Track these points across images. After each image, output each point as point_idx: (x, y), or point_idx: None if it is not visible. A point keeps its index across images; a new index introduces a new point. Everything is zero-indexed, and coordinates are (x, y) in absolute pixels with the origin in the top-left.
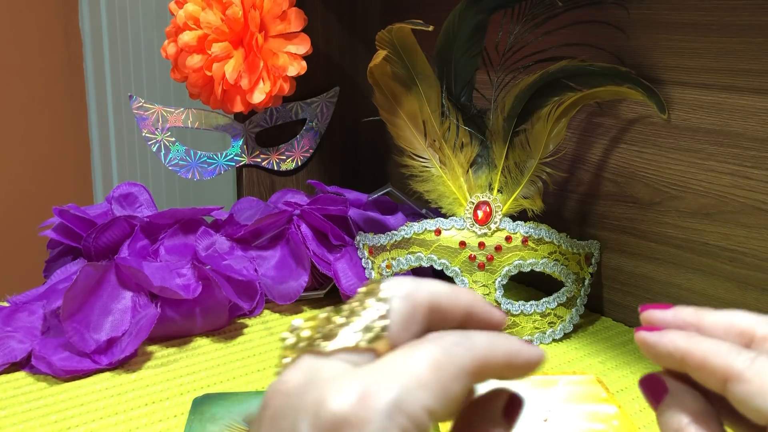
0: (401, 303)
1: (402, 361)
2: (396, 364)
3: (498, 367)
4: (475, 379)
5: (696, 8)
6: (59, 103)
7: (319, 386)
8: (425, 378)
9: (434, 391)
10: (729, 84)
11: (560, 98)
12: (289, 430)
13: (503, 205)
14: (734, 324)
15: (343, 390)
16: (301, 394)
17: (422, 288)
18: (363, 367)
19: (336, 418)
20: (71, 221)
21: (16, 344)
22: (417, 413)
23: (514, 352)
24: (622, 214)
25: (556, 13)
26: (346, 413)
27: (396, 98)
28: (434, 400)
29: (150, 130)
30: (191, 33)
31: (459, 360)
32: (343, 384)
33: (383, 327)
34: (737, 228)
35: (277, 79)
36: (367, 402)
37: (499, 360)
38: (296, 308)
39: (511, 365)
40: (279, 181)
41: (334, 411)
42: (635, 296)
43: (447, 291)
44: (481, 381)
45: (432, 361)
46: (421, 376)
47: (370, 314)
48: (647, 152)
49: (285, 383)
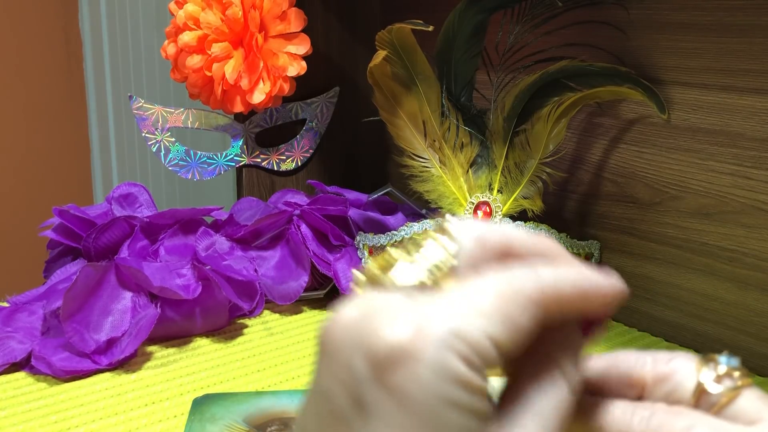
0: (472, 244)
1: (463, 293)
2: (457, 296)
3: (569, 298)
4: (544, 311)
5: (696, 8)
6: (59, 103)
7: (375, 319)
8: (487, 306)
9: (497, 319)
10: (729, 84)
11: (560, 98)
12: (344, 365)
13: (503, 205)
14: (622, 374)
15: (399, 321)
16: (357, 328)
17: (495, 230)
18: (422, 300)
19: (391, 349)
20: (71, 221)
21: (16, 344)
22: (478, 340)
23: (586, 282)
24: (622, 215)
25: (556, 13)
26: (401, 343)
27: (396, 98)
28: (497, 328)
29: (150, 130)
30: (191, 33)
31: (524, 289)
32: (400, 315)
33: (451, 267)
34: (737, 228)
35: (277, 80)
36: (424, 331)
37: (568, 290)
38: (296, 308)
39: (584, 296)
40: (279, 181)
41: (389, 341)
42: (635, 296)
43: (523, 236)
44: (553, 315)
45: (495, 291)
46: (483, 304)
47: (438, 253)
48: (647, 152)
49: (341, 317)
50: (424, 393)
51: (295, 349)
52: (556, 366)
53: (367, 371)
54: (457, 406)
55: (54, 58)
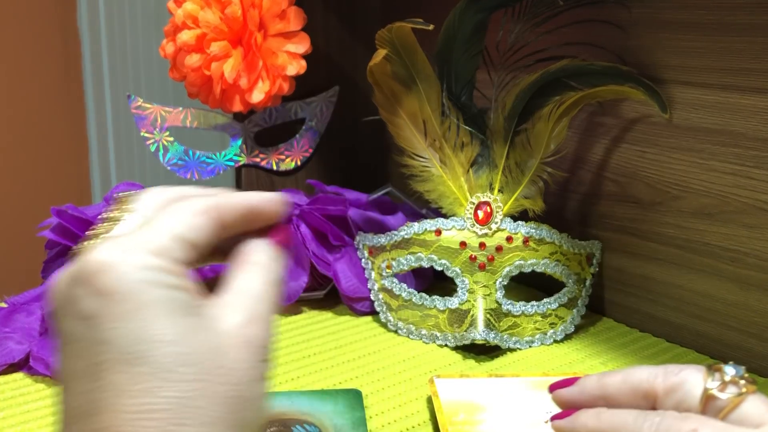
0: (148, 198)
1: (150, 223)
2: (145, 226)
3: (235, 208)
4: (216, 216)
5: (698, 7)
6: (57, 102)
7: (84, 255)
8: (167, 219)
9: (178, 222)
10: (731, 83)
11: (561, 98)
12: (69, 299)
13: (504, 205)
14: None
15: (99, 247)
16: (74, 270)
17: (171, 189)
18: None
19: (96, 263)
20: (69, 221)
21: (15, 345)
22: (166, 242)
23: (250, 198)
24: (623, 214)
25: (557, 11)
26: (102, 256)
27: (396, 98)
28: (179, 227)
29: (148, 129)
30: (190, 32)
31: (196, 202)
32: (100, 245)
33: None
34: (739, 228)
35: (276, 79)
36: (119, 245)
37: (234, 202)
38: (296, 308)
39: (249, 207)
40: (278, 181)
41: (93, 259)
42: (637, 297)
43: (194, 190)
44: (229, 222)
45: (171, 209)
46: (164, 219)
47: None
48: (649, 152)
49: (62, 272)
50: (128, 283)
51: (295, 349)
52: (248, 258)
53: (84, 290)
54: (158, 284)
55: (52, 58)
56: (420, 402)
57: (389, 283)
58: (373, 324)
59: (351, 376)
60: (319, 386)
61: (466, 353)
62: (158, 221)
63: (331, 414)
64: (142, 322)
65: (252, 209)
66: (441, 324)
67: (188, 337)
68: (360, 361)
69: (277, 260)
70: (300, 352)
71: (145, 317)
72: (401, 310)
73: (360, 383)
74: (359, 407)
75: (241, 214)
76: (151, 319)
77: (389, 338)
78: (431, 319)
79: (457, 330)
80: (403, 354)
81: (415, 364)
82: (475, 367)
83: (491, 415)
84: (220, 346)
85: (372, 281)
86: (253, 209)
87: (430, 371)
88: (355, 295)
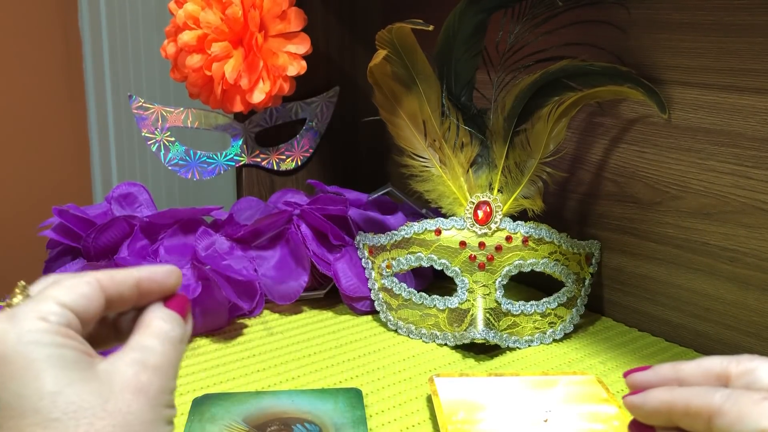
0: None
1: (38, 296)
2: (34, 298)
3: (122, 280)
4: (99, 287)
5: (697, 8)
6: (59, 102)
7: None
8: (52, 289)
9: (62, 291)
10: (730, 84)
11: (561, 98)
12: None
13: (503, 205)
14: (710, 370)
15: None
16: None
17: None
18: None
19: None
20: (71, 221)
21: None
22: (51, 308)
23: (138, 271)
24: (622, 214)
25: (556, 12)
26: None
27: (396, 98)
28: (63, 295)
29: (149, 129)
30: (191, 33)
31: (81, 276)
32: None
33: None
34: (738, 228)
35: (276, 79)
36: (9, 313)
37: (121, 274)
38: (296, 308)
39: (138, 279)
40: (279, 181)
41: None
42: (636, 296)
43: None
44: (111, 292)
45: (57, 282)
46: (49, 290)
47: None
48: (648, 152)
49: None
50: (15, 346)
51: (295, 349)
52: (142, 320)
53: None
54: (45, 344)
55: (54, 58)
56: (420, 401)
57: (389, 283)
58: (373, 323)
59: (351, 375)
60: (320, 385)
61: (465, 352)
62: (45, 293)
63: (331, 413)
64: (28, 378)
65: (140, 281)
66: (441, 323)
67: (76, 386)
68: (360, 360)
69: (173, 320)
70: (300, 351)
71: (30, 374)
72: (401, 309)
73: (360, 382)
74: (359, 406)
75: (129, 286)
76: (35, 374)
77: (389, 337)
78: (431, 318)
79: (457, 329)
80: (403, 353)
81: (415, 363)
82: (475, 366)
83: (491, 413)
84: (112, 393)
85: (372, 281)
86: (142, 281)
87: (430, 370)
88: (355, 295)
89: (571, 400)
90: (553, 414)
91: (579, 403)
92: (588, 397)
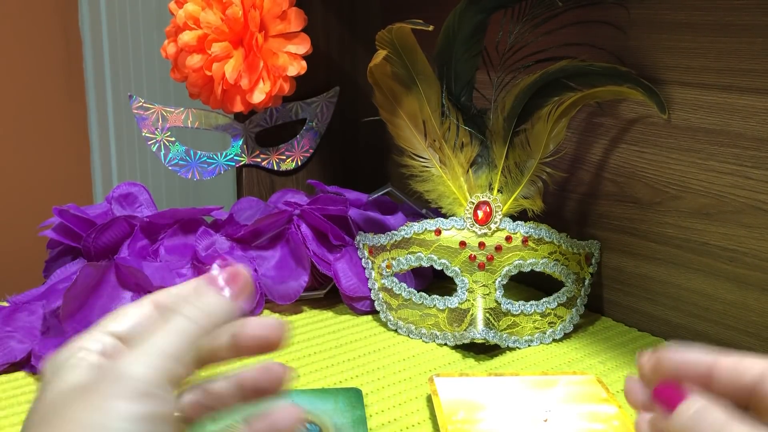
0: None
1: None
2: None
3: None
4: (202, 337)
5: (696, 8)
6: (59, 102)
7: None
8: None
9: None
10: (729, 84)
11: (560, 98)
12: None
13: (503, 205)
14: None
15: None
16: None
17: None
18: None
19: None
20: (71, 221)
21: (16, 344)
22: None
23: (239, 322)
24: (622, 214)
25: (556, 12)
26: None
27: (396, 98)
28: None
29: (150, 129)
30: (191, 33)
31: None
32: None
33: None
34: (737, 228)
35: (277, 79)
36: (112, 359)
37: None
38: (296, 308)
39: (238, 330)
40: (279, 181)
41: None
42: (635, 296)
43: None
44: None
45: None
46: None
47: None
48: (647, 152)
49: None
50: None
51: (295, 349)
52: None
53: None
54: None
55: (54, 58)
56: (420, 401)
57: (389, 283)
58: (373, 323)
59: (351, 375)
60: (320, 385)
61: (465, 352)
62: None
63: (331, 412)
64: None
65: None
66: (441, 323)
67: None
68: (360, 360)
69: None
70: (300, 351)
71: None
72: (401, 309)
73: (360, 382)
74: (359, 406)
75: (226, 336)
76: None
77: (389, 337)
78: (431, 318)
79: (457, 329)
80: (403, 353)
81: (415, 363)
82: (475, 366)
83: (490, 413)
84: None
85: (372, 281)
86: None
87: (430, 370)
88: (356, 295)
89: (570, 399)
90: (552, 414)
91: (579, 403)
92: (588, 397)
